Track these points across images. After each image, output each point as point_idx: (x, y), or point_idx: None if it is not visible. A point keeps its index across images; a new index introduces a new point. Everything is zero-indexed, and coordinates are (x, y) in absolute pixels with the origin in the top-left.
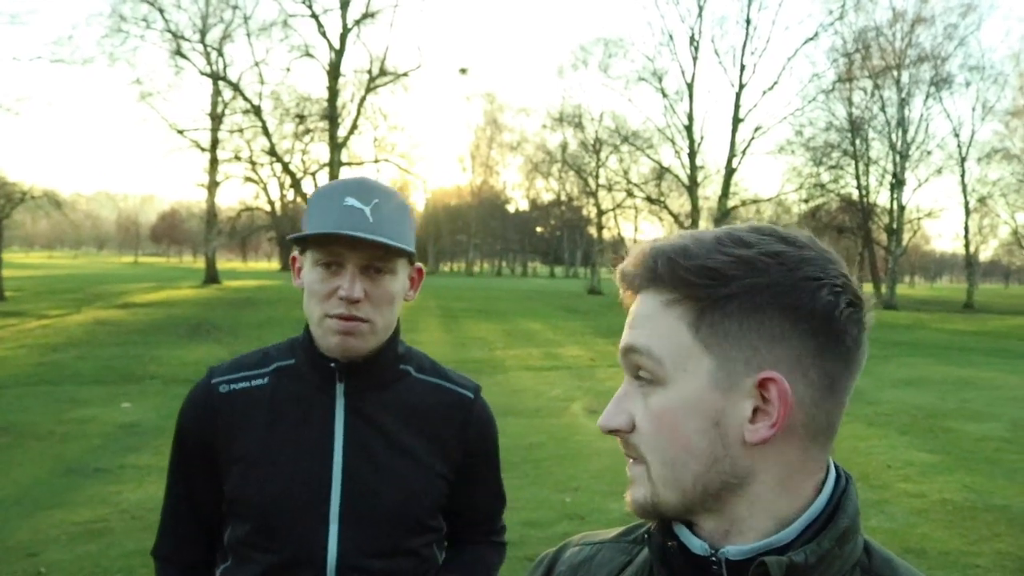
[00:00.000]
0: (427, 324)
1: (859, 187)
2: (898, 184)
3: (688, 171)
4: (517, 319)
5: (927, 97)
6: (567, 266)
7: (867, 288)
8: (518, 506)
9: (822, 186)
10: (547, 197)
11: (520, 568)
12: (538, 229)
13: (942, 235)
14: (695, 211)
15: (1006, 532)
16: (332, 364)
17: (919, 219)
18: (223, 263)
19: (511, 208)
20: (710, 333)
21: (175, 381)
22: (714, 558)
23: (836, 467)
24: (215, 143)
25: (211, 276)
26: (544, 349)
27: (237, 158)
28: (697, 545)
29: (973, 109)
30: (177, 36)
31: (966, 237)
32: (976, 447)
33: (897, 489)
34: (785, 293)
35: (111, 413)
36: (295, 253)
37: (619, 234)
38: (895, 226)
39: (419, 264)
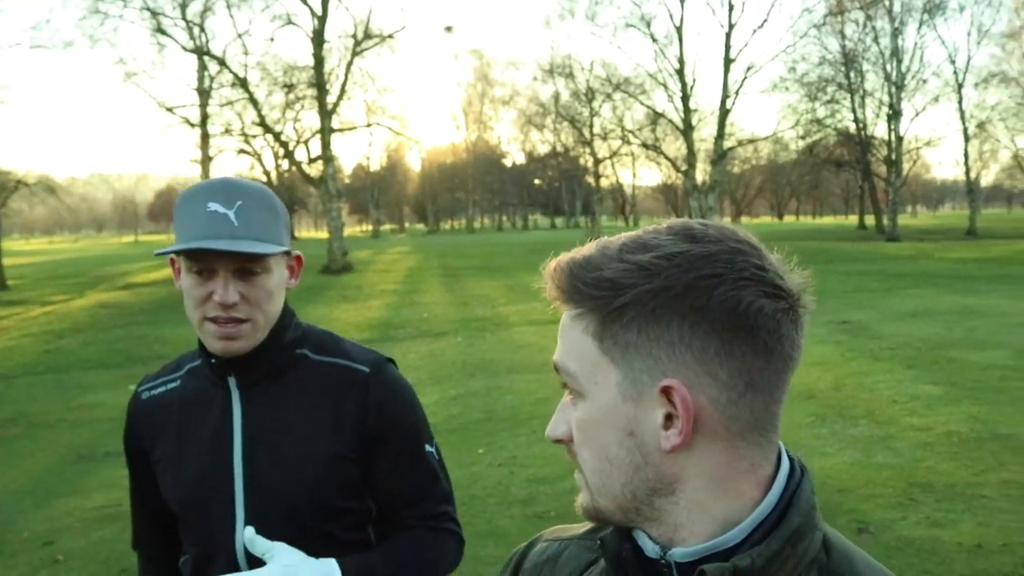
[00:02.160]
0: (429, 285)
1: (856, 120)
2: (895, 115)
3: (682, 115)
4: (519, 274)
5: (920, 25)
6: (567, 216)
7: (868, 221)
8: (526, 463)
9: (818, 121)
10: (543, 149)
11: (530, 526)
12: (536, 181)
13: (942, 163)
14: (691, 154)
15: (1011, 461)
16: (213, 360)
17: (918, 149)
18: None
19: (507, 162)
20: (612, 345)
21: None
22: (664, 561)
23: (791, 460)
24: (205, 118)
25: None
26: (547, 303)
27: (228, 131)
28: (650, 548)
29: (968, 34)
30: (156, 13)
31: (966, 163)
32: (982, 376)
33: (903, 423)
34: (680, 296)
35: (119, 397)
36: (172, 255)
37: (617, 181)
38: (894, 157)
39: (297, 252)
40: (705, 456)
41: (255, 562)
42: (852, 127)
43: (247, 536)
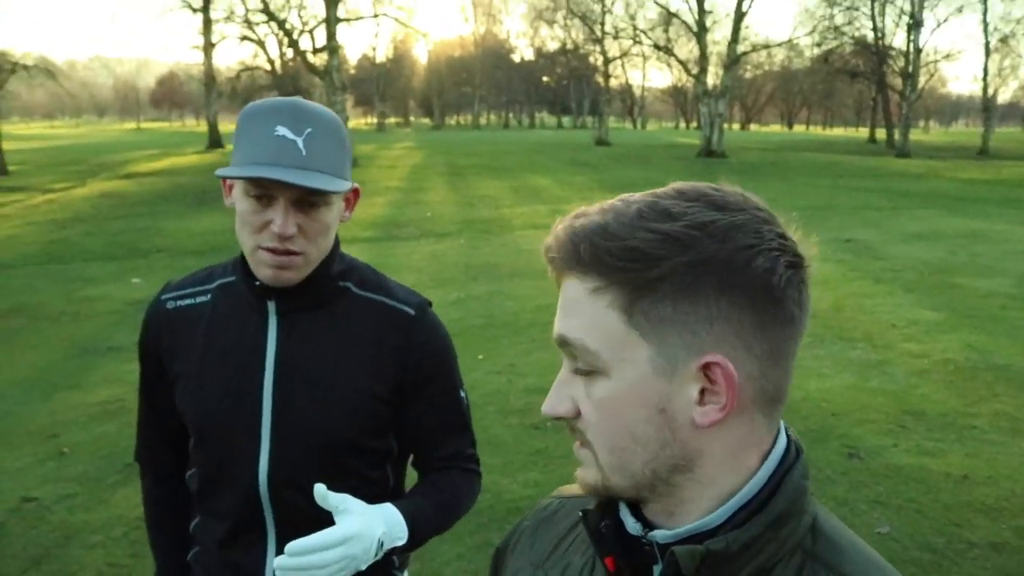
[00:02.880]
0: (433, 183)
1: (874, 29)
2: (915, 25)
3: (696, 16)
4: (524, 175)
5: None
6: (575, 116)
7: (879, 135)
8: (524, 372)
9: (836, 28)
10: (552, 46)
11: (527, 437)
12: (544, 79)
13: (959, 77)
14: (703, 58)
15: (1004, 392)
16: (257, 283)
17: (936, 62)
18: (226, 125)
19: (516, 58)
20: (644, 320)
21: (183, 254)
22: (645, 539)
23: (788, 438)
24: (207, 2)
25: (214, 140)
26: (551, 206)
27: (230, 18)
28: (631, 525)
29: None
30: None
31: (984, 79)
32: (982, 304)
33: (900, 349)
34: (717, 268)
35: (121, 290)
36: (220, 171)
37: (627, 82)
38: (911, 70)
39: (355, 184)
40: (731, 430)
41: (276, 491)
42: (870, 36)
43: (318, 492)
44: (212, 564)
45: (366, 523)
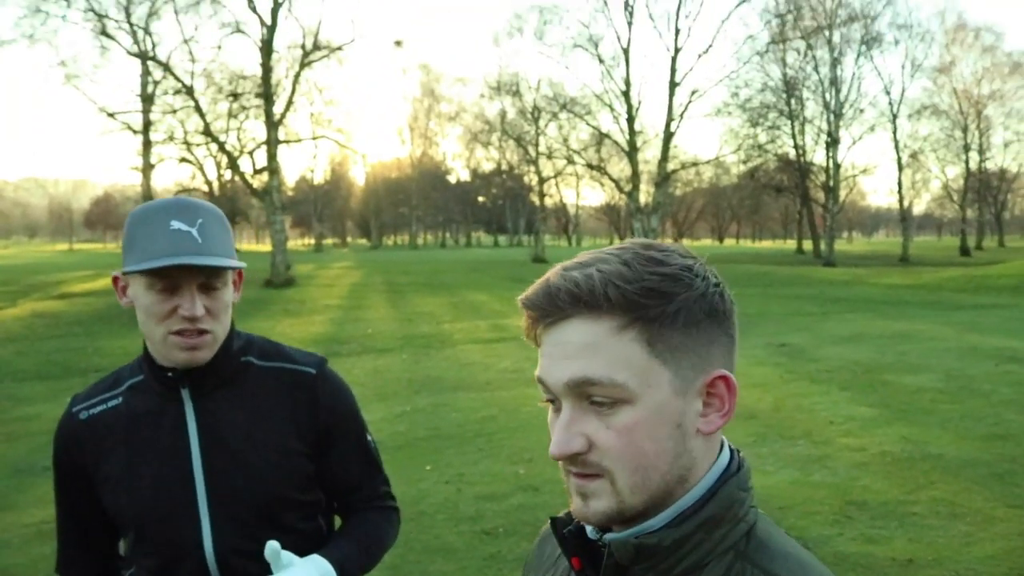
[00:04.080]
0: (373, 300)
1: (795, 146)
2: (833, 142)
3: (627, 136)
4: (463, 291)
5: (858, 56)
6: (511, 235)
7: (806, 245)
8: (473, 480)
9: (760, 146)
10: (488, 166)
11: (479, 543)
12: (480, 199)
13: (877, 190)
14: (635, 176)
15: (940, 480)
16: (170, 373)
17: (855, 176)
18: None
19: (452, 179)
20: (664, 348)
21: None
22: (600, 542)
23: (731, 451)
24: (147, 125)
25: None
26: (491, 321)
27: (171, 139)
28: (590, 531)
29: (903, 67)
30: (101, 16)
31: (900, 192)
32: (912, 399)
33: (839, 444)
34: (707, 301)
35: (56, 409)
36: (116, 274)
37: (561, 201)
38: (831, 183)
39: (240, 266)
40: (716, 437)
41: (224, 561)
42: (792, 153)
43: (271, 548)
44: None
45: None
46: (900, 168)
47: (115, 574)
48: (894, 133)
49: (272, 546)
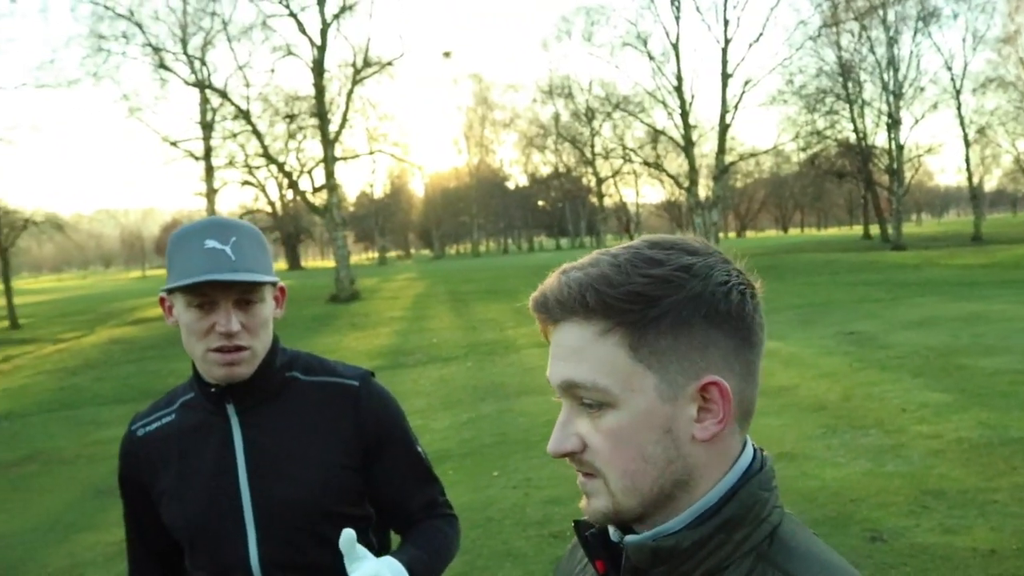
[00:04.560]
0: (437, 310)
1: (856, 130)
2: (894, 123)
3: (682, 131)
4: (525, 296)
5: (915, 33)
6: (572, 237)
7: (873, 230)
8: (540, 485)
9: (818, 133)
10: (545, 170)
11: (547, 546)
12: (540, 203)
13: (945, 169)
14: (693, 170)
15: (1022, 465)
16: (213, 389)
17: (919, 156)
18: None
19: (511, 185)
20: (649, 353)
21: None
22: (622, 544)
23: (755, 451)
24: (208, 151)
25: None
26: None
27: (232, 163)
28: (612, 533)
29: (964, 40)
30: (158, 49)
31: (968, 169)
32: (990, 382)
33: (913, 432)
34: (704, 303)
35: None
36: (162, 294)
37: (621, 200)
38: (895, 166)
39: (281, 283)
40: (722, 442)
41: (270, 575)
42: (852, 137)
43: (346, 537)
44: None
45: (376, 571)
46: (967, 145)
47: None
48: (958, 109)
49: (348, 534)
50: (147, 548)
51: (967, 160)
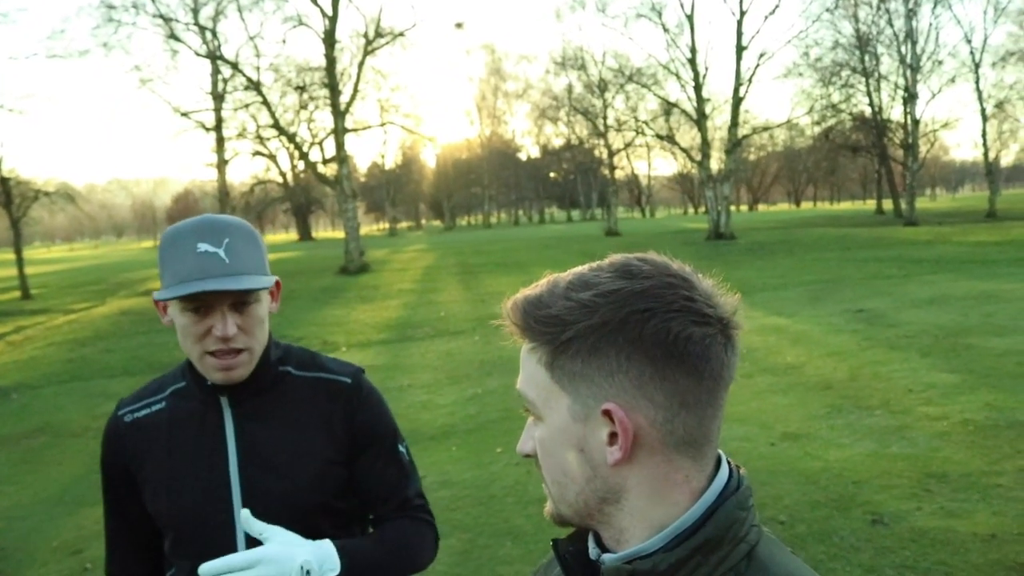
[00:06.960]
0: (446, 283)
1: (871, 104)
2: (910, 97)
3: (695, 104)
4: (536, 269)
5: (935, 5)
6: (584, 209)
7: (886, 205)
8: None
9: (833, 106)
10: (557, 142)
11: (547, 526)
12: (551, 175)
13: (960, 144)
14: (705, 143)
15: None
16: (209, 384)
17: (935, 131)
18: None
19: (522, 156)
20: (561, 374)
21: None
22: (598, 562)
23: (731, 474)
24: (219, 122)
25: None
26: None
27: (243, 135)
28: (592, 551)
29: (984, 12)
30: (169, 19)
31: (984, 144)
32: (998, 363)
33: (919, 413)
34: (616, 330)
35: None
36: (155, 294)
37: (633, 172)
38: (910, 140)
39: (276, 278)
40: (644, 468)
41: None
42: (867, 111)
43: (243, 517)
44: None
45: (284, 550)
46: (984, 119)
47: (163, 574)
48: (976, 83)
49: (244, 514)
50: (128, 535)
51: (984, 135)
